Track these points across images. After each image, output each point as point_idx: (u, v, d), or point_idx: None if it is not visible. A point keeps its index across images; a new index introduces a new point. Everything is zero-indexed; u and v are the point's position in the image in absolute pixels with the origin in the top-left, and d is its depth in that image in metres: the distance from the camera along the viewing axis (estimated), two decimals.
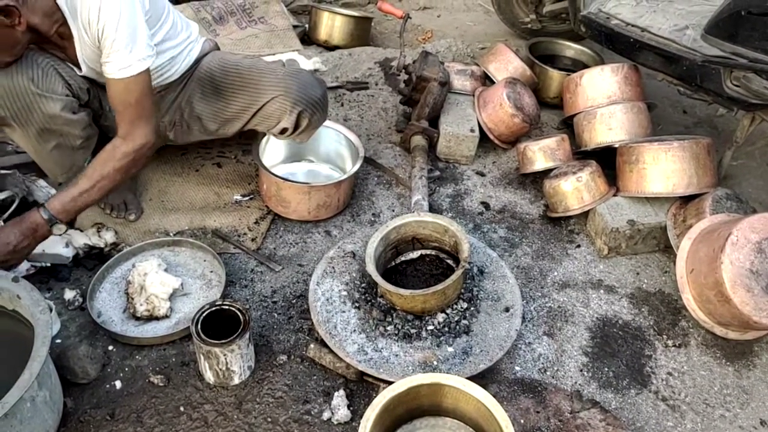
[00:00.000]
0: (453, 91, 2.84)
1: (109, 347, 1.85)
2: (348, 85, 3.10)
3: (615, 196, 2.33)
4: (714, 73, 2.18)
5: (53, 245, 2.01)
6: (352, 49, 3.44)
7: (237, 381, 1.76)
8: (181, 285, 1.96)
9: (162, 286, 1.91)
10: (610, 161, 2.44)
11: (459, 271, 1.82)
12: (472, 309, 1.93)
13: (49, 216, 1.80)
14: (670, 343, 2.01)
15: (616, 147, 2.42)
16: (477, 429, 1.60)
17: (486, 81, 2.96)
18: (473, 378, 1.67)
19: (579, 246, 2.35)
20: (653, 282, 2.22)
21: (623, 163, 2.34)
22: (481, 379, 1.76)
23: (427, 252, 2.06)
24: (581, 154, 2.63)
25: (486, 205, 2.51)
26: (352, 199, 2.44)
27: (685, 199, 2.26)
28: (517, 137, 2.74)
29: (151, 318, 1.89)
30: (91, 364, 1.74)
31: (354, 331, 1.86)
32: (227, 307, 1.75)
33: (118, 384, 1.75)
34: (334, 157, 2.54)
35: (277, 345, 1.89)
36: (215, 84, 2.16)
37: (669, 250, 2.26)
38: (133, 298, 1.90)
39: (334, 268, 2.04)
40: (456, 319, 1.89)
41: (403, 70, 2.78)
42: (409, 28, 3.95)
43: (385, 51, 3.43)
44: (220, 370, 1.71)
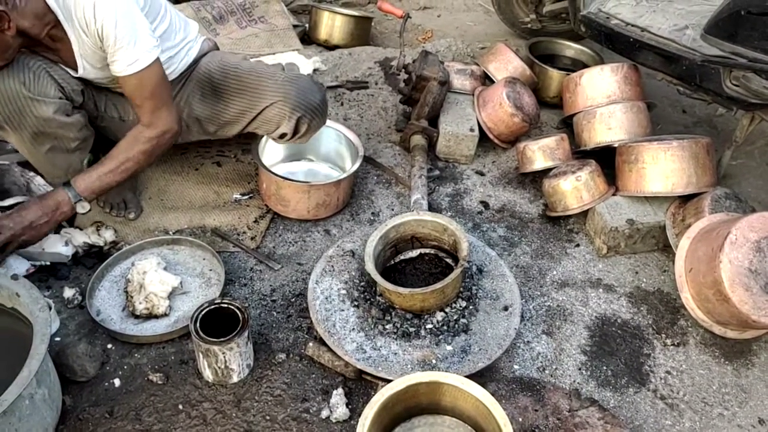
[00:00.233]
0: (453, 91, 2.84)
1: (108, 345, 1.85)
2: (348, 84, 3.10)
3: (614, 195, 2.33)
4: (713, 72, 2.19)
5: (53, 244, 2.01)
6: (352, 48, 3.44)
7: (236, 379, 1.77)
8: (180, 283, 1.96)
9: (161, 285, 1.91)
10: (610, 161, 2.44)
11: (458, 270, 1.82)
12: (471, 308, 1.93)
13: (74, 194, 1.81)
14: (668, 341, 2.01)
15: (616, 146, 2.42)
16: (475, 427, 1.61)
17: (486, 80, 2.96)
18: (472, 376, 1.67)
19: (578, 245, 2.35)
20: (652, 281, 2.22)
21: (622, 163, 2.34)
22: (479, 377, 1.76)
23: (426, 251, 2.06)
24: (580, 154, 2.63)
25: (485, 205, 2.51)
26: (352, 198, 2.45)
27: (684, 199, 2.26)
28: (516, 137, 2.74)
29: (150, 316, 1.90)
30: (90, 362, 1.74)
31: (353, 329, 1.86)
32: (226, 305, 1.75)
33: (117, 382, 1.76)
34: (334, 156, 2.54)
35: (276, 343, 1.90)
36: (214, 86, 2.15)
37: (668, 250, 2.27)
38: (132, 297, 1.91)
39: (333, 266, 2.04)
40: (455, 317, 1.89)
41: (403, 70, 2.78)
42: (409, 28, 3.95)
43: (385, 50, 3.43)
44: (219, 368, 1.71)
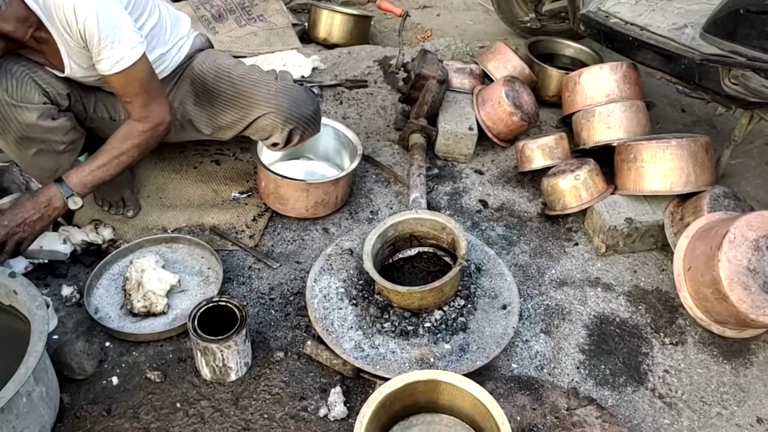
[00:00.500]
0: (452, 90, 2.84)
1: (106, 343, 1.85)
2: (347, 83, 3.10)
3: (613, 194, 2.33)
4: (712, 71, 2.18)
5: (51, 242, 2.01)
6: (351, 47, 3.43)
7: (234, 377, 1.76)
8: (179, 281, 1.96)
9: (159, 283, 1.91)
10: (609, 159, 2.44)
11: (456, 269, 1.82)
12: (469, 306, 1.93)
13: (65, 189, 1.79)
14: (667, 340, 2.01)
15: (615, 145, 2.42)
16: (473, 426, 1.61)
17: (485, 79, 2.96)
18: (470, 375, 1.67)
19: (577, 244, 2.35)
20: (650, 280, 2.22)
21: (621, 162, 2.33)
22: (477, 376, 1.76)
23: (425, 249, 2.06)
24: (579, 153, 2.63)
25: (484, 203, 2.51)
26: (350, 197, 2.44)
27: (683, 198, 2.26)
28: (515, 135, 2.73)
29: (148, 314, 1.89)
30: (87, 360, 1.74)
31: (351, 328, 1.86)
32: (224, 303, 1.75)
33: (115, 380, 1.75)
34: (333, 154, 2.54)
35: (274, 342, 1.89)
36: (208, 90, 2.13)
37: (666, 248, 2.27)
38: (130, 295, 1.90)
39: (331, 265, 2.04)
40: (453, 316, 1.89)
41: (402, 68, 2.78)
42: (409, 27, 3.95)
43: (384, 49, 3.42)
44: (217, 366, 1.71)
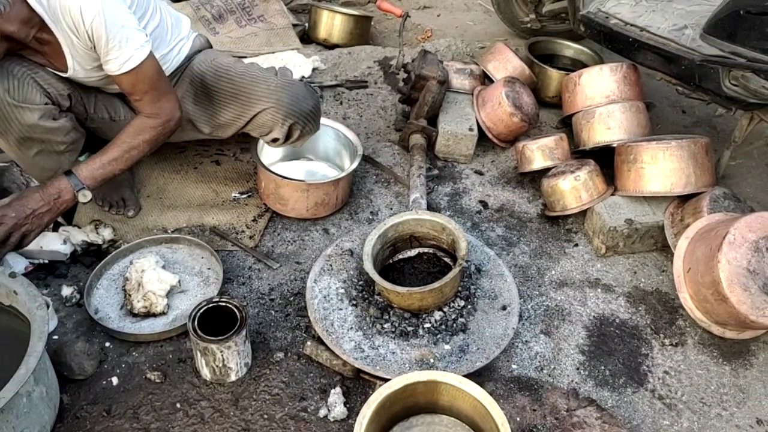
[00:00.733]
0: (452, 90, 2.84)
1: (106, 344, 1.85)
2: (347, 83, 3.10)
3: (613, 195, 2.33)
4: (712, 72, 2.18)
5: (51, 242, 2.01)
6: (351, 47, 3.43)
7: (234, 378, 1.76)
8: (179, 282, 1.96)
9: (159, 283, 1.91)
10: (609, 160, 2.44)
11: (456, 269, 1.82)
12: (469, 307, 1.93)
13: (75, 181, 1.79)
14: (666, 341, 2.01)
15: (615, 146, 2.42)
16: (473, 427, 1.61)
17: (485, 80, 2.96)
18: (470, 376, 1.67)
19: (577, 245, 2.35)
20: (650, 281, 2.22)
21: (621, 163, 2.33)
22: (477, 377, 1.76)
23: (425, 250, 2.06)
24: (579, 154, 2.63)
25: (484, 204, 2.51)
26: (351, 198, 2.44)
27: (683, 199, 2.26)
28: (515, 136, 2.73)
29: (148, 315, 1.89)
30: (87, 361, 1.74)
31: (351, 328, 1.86)
32: (224, 304, 1.75)
33: (115, 380, 1.75)
34: (333, 155, 2.54)
35: (274, 342, 1.89)
36: (207, 88, 2.14)
37: (666, 249, 2.27)
38: (130, 295, 1.90)
39: (331, 265, 2.04)
40: (453, 317, 1.89)
41: (402, 69, 2.78)
42: (409, 27, 3.95)
43: (385, 50, 3.43)
44: (217, 366, 1.71)
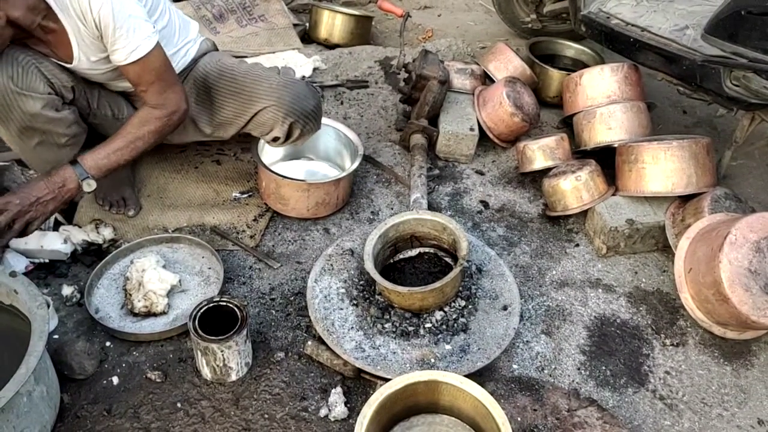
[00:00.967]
0: (453, 90, 2.84)
1: (107, 343, 1.85)
2: (348, 83, 3.10)
3: (614, 195, 2.33)
4: (714, 72, 2.18)
5: (51, 241, 2.01)
6: (352, 47, 3.43)
7: (234, 377, 1.76)
8: (179, 281, 1.96)
9: (160, 283, 1.90)
10: (610, 161, 2.44)
11: (457, 269, 1.82)
12: (470, 307, 1.93)
13: (80, 171, 1.80)
14: (668, 342, 2.00)
15: (616, 146, 2.42)
16: (474, 427, 1.60)
17: (486, 80, 2.96)
18: (471, 376, 1.67)
19: (577, 245, 2.34)
20: (651, 281, 2.22)
21: (622, 163, 2.33)
22: (478, 377, 1.76)
23: (426, 250, 2.06)
24: (580, 154, 2.63)
25: (485, 204, 2.51)
26: (351, 197, 2.44)
27: (684, 199, 2.26)
28: (516, 136, 2.73)
29: (148, 314, 1.89)
30: (88, 360, 1.74)
31: (352, 328, 1.86)
32: (225, 303, 1.75)
33: (116, 380, 1.75)
34: (334, 155, 2.54)
35: (275, 342, 1.89)
36: (210, 87, 2.14)
37: (667, 250, 2.26)
38: (131, 295, 1.90)
39: (332, 265, 2.04)
40: (454, 317, 1.89)
41: (403, 69, 2.78)
42: (410, 27, 3.94)
43: (386, 50, 3.43)
44: (218, 366, 1.71)
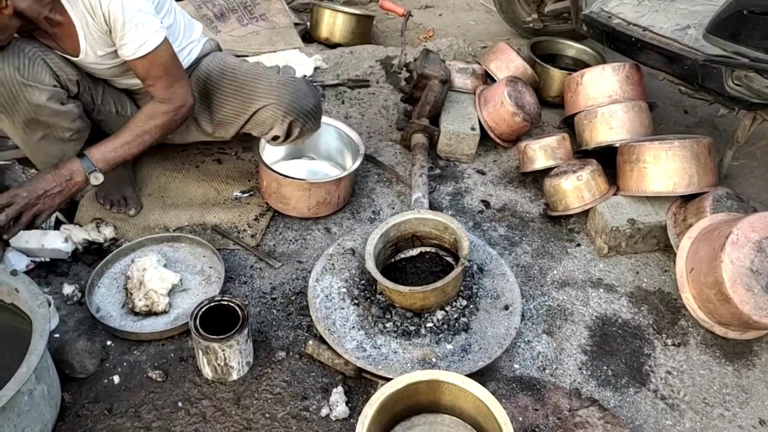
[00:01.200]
0: (454, 90, 2.84)
1: (108, 342, 1.85)
2: (349, 82, 3.10)
3: (615, 195, 2.33)
4: (715, 72, 2.18)
5: (53, 240, 2.01)
6: (353, 47, 3.43)
7: (235, 377, 1.76)
8: (180, 281, 1.96)
9: (161, 282, 1.90)
10: (611, 160, 2.44)
11: (458, 269, 1.82)
12: (471, 307, 1.93)
13: (88, 164, 1.80)
14: (669, 342, 2.00)
15: (617, 146, 2.42)
16: (475, 426, 1.60)
17: (487, 80, 2.96)
18: (472, 375, 1.67)
19: (579, 245, 2.34)
20: (653, 281, 2.21)
21: (624, 162, 2.33)
22: (479, 376, 1.76)
23: (427, 249, 2.05)
24: (582, 153, 2.63)
25: (486, 204, 2.51)
26: (352, 197, 2.44)
27: (686, 199, 2.26)
28: (517, 136, 2.73)
29: (149, 313, 1.89)
30: (89, 359, 1.74)
31: (353, 327, 1.86)
32: (226, 302, 1.75)
33: (117, 379, 1.75)
34: (335, 154, 2.54)
35: (276, 341, 1.89)
36: (211, 86, 2.15)
37: (669, 250, 2.26)
38: (132, 294, 1.90)
39: (333, 265, 2.04)
40: (455, 316, 1.89)
41: (404, 68, 2.78)
42: (411, 27, 3.94)
43: (387, 49, 3.43)
44: (219, 365, 1.71)
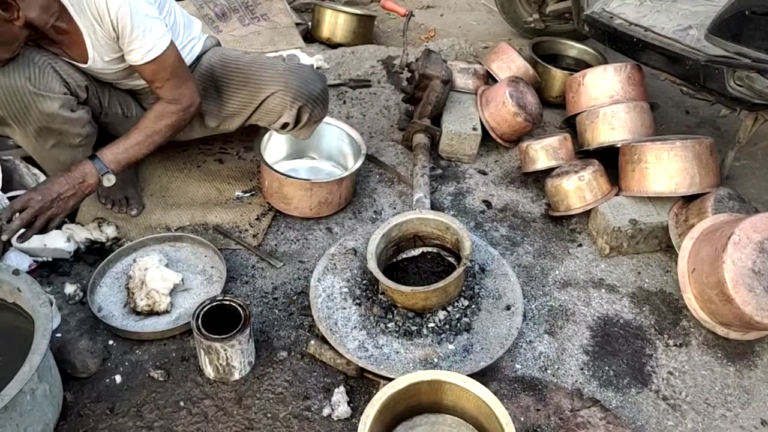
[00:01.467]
0: (455, 90, 2.84)
1: (110, 342, 1.85)
2: (350, 82, 3.10)
3: (617, 195, 2.32)
4: (717, 72, 2.18)
5: (54, 239, 2.01)
6: (354, 47, 3.44)
7: (237, 376, 1.76)
8: (182, 280, 1.96)
9: (163, 282, 1.90)
10: (613, 161, 2.43)
11: (460, 269, 1.82)
12: (473, 307, 1.93)
13: (100, 165, 1.81)
14: (671, 342, 2.00)
15: (619, 146, 2.41)
16: (477, 426, 1.60)
17: (489, 80, 2.96)
18: (474, 375, 1.67)
19: (580, 245, 2.34)
20: (655, 281, 2.21)
21: (625, 163, 2.33)
22: (481, 376, 1.76)
23: (429, 249, 2.05)
24: (583, 154, 2.62)
25: (488, 204, 2.51)
26: (354, 197, 2.44)
27: (687, 199, 2.26)
28: (519, 136, 2.73)
29: (151, 313, 1.89)
30: (91, 358, 1.74)
31: (355, 327, 1.86)
32: (228, 302, 1.75)
33: (118, 378, 1.75)
34: (336, 154, 2.54)
35: (278, 341, 1.89)
36: (215, 81, 2.15)
37: (671, 250, 2.26)
38: (133, 293, 1.90)
39: (335, 264, 2.04)
40: (457, 316, 1.89)
41: (405, 68, 2.78)
42: (412, 27, 3.94)
43: (388, 49, 3.43)
44: (221, 365, 1.71)
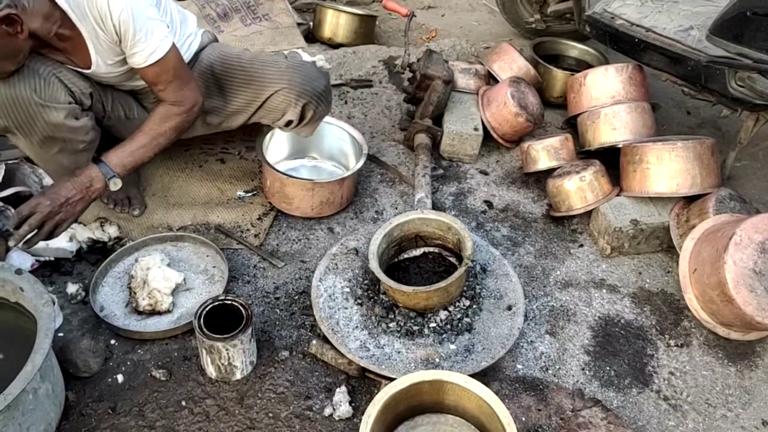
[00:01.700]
0: (457, 90, 2.84)
1: (112, 341, 1.85)
2: (352, 83, 3.10)
3: (618, 195, 2.33)
4: (718, 73, 2.18)
5: (57, 239, 2.00)
6: (356, 47, 3.44)
7: (239, 376, 1.77)
8: (184, 280, 1.96)
9: (165, 281, 1.91)
10: (614, 161, 2.44)
11: (462, 269, 1.82)
12: (474, 307, 1.93)
13: (106, 169, 1.81)
14: (672, 342, 2.00)
15: (620, 147, 2.42)
16: (478, 426, 1.60)
17: (490, 80, 2.96)
18: (475, 375, 1.67)
19: (582, 245, 2.34)
20: (656, 282, 2.21)
21: (627, 163, 2.33)
22: (483, 376, 1.77)
23: (430, 249, 2.06)
24: (585, 154, 2.63)
25: (489, 204, 2.51)
26: (356, 197, 2.44)
27: (689, 200, 2.26)
28: (520, 136, 2.74)
29: (153, 312, 1.90)
30: (93, 358, 1.74)
31: (356, 327, 1.86)
32: (230, 302, 1.75)
33: (120, 378, 1.76)
34: (338, 154, 2.54)
35: (279, 341, 1.90)
36: (217, 79, 2.15)
37: (672, 250, 2.26)
38: (135, 293, 1.91)
39: (336, 264, 2.04)
40: (458, 316, 1.89)
41: (407, 69, 2.78)
42: (414, 27, 3.94)
43: (390, 49, 3.43)
44: (222, 365, 1.71)
